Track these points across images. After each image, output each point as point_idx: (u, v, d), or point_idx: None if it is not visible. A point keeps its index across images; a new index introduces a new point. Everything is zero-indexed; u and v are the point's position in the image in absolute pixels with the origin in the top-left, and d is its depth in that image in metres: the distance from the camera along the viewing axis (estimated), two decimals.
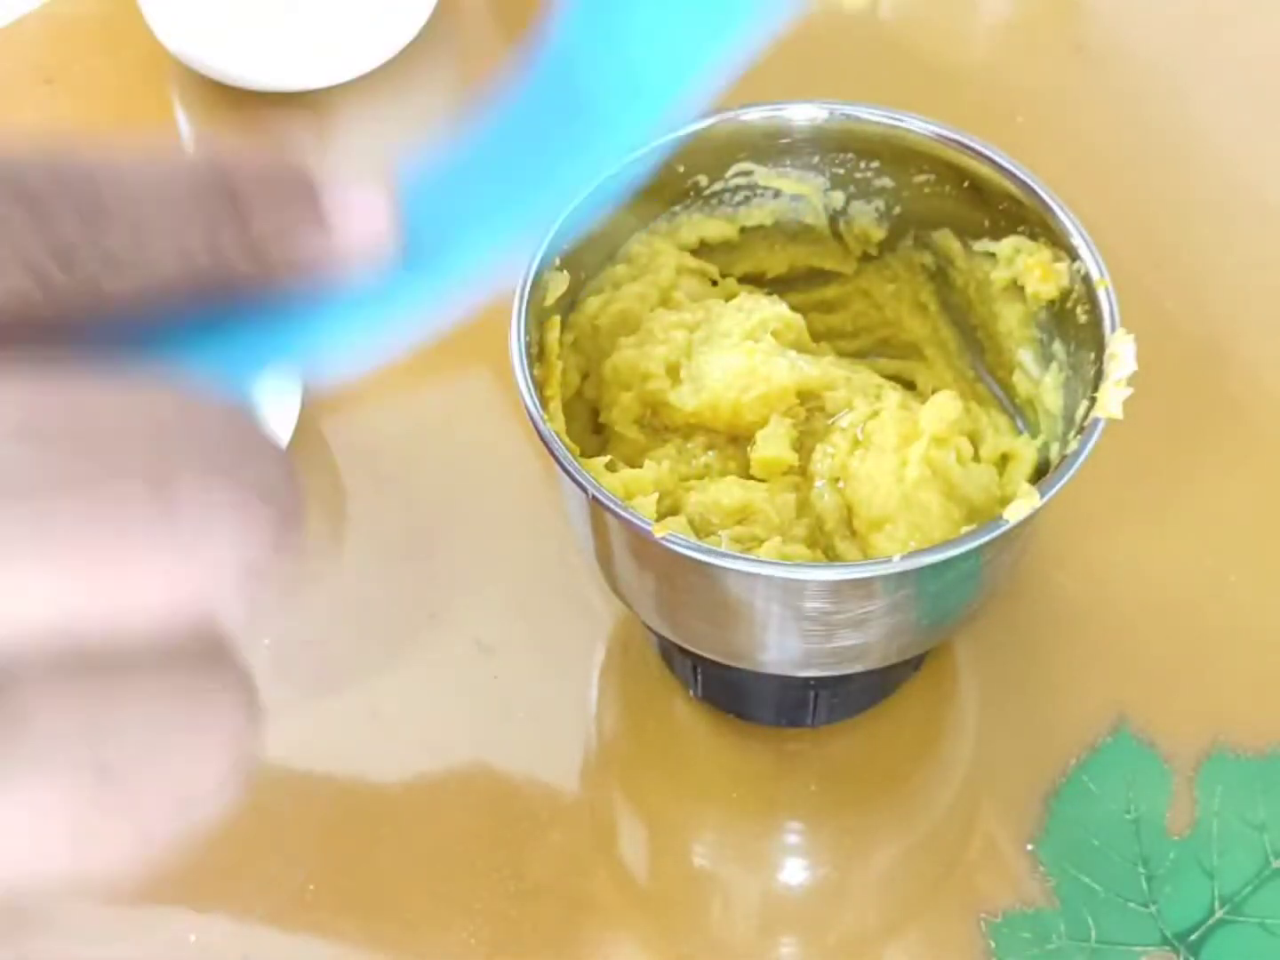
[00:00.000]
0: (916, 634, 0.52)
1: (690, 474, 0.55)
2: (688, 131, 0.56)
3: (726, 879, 0.58)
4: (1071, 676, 0.59)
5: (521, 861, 0.56)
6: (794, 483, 0.55)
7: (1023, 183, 0.54)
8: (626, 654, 0.60)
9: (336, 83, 0.76)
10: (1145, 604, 0.61)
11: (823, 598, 0.49)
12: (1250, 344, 0.68)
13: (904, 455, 0.53)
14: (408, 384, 0.68)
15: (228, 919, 0.55)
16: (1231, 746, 0.57)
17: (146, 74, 0.78)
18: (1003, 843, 0.56)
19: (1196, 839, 0.55)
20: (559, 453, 0.49)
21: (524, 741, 0.59)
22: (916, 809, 0.58)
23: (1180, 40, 0.79)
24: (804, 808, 0.58)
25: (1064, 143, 0.74)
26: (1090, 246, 0.53)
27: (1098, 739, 0.58)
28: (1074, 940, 0.54)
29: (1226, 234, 0.72)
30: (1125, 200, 0.72)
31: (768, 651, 0.52)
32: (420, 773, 0.58)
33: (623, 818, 0.59)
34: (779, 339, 0.57)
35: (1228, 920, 0.54)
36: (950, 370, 0.60)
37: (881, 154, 0.57)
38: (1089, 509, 0.62)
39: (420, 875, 0.56)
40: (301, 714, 0.60)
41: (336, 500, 0.66)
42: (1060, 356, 0.55)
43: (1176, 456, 0.65)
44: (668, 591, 0.52)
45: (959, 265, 0.58)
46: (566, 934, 0.55)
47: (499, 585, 0.62)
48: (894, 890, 0.57)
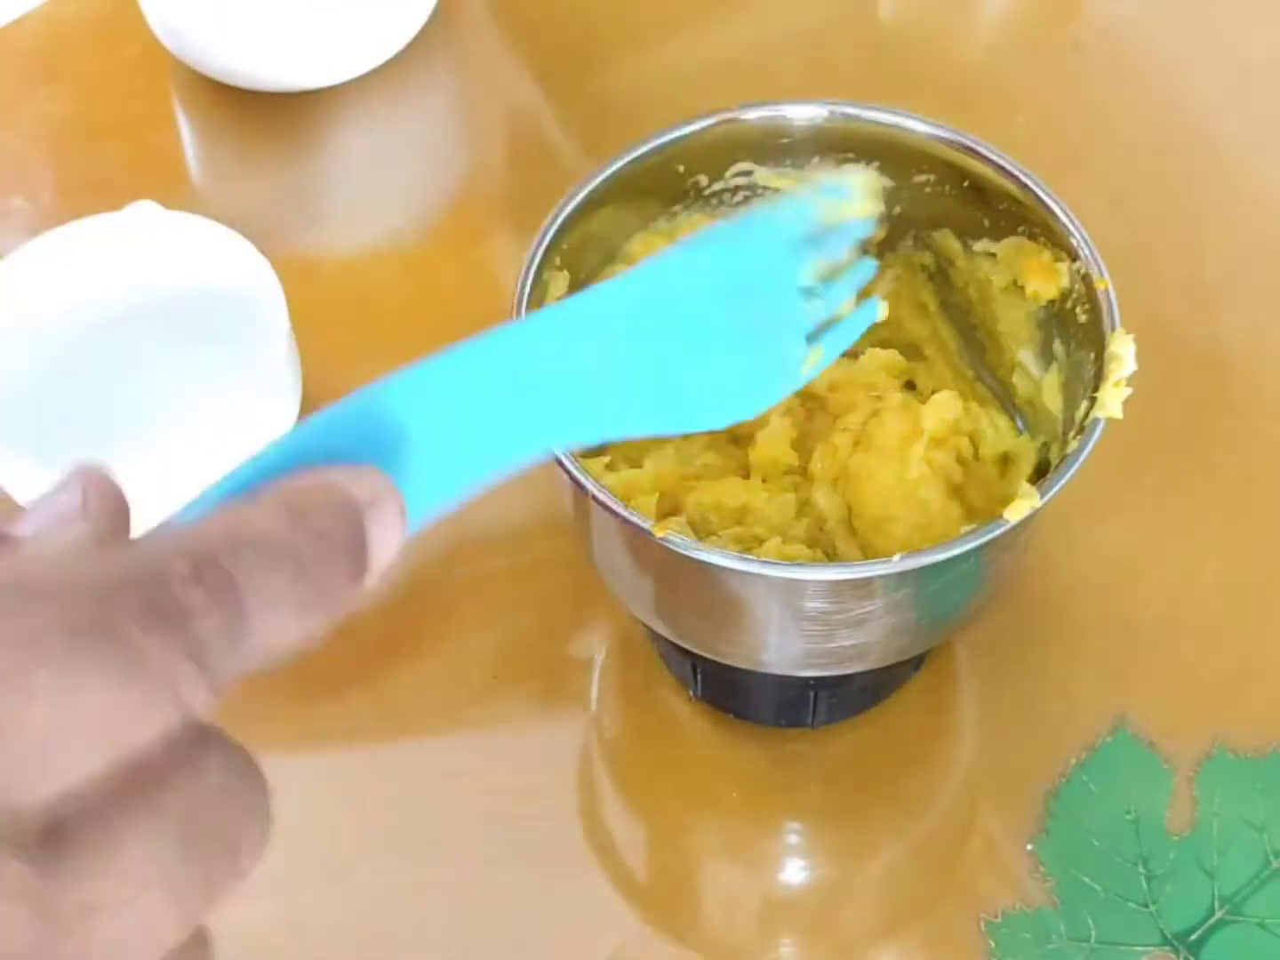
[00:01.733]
0: (916, 634, 0.52)
1: (690, 474, 0.56)
2: (688, 131, 0.56)
3: (726, 879, 0.58)
4: (1071, 676, 0.59)
5: (521, 860, 0.56)
6: (794, 483, 0.55)
7: (1023, 183, 0.54)
8: (626, 654, 0.60)
9: (336, 83, 0.76)
10: (1145, 604, 0.61)
11: (823, 598, 0.49)
12: (1250, 344, 0.68)
13: (904, 455, 0.53)
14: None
15: (228, 917, 0.55)
16: (1231, 746, 0.57)
17: (146, 74, 0.78)
18: (1003, 843, 0.56)
19: (1196, 839, 0.55)
20: (559, 453, 0.49)
21: (524, 741, 0.59)
22: (916, 809, 0.58)
23: (1180, 40, 0.79)
24: (804, 808, 0.58)
25: (1064, 143, 0.74)
26: (1090, 247, 0.53)
27: (1098, 739, 0.58)
28: (1074, 940, 0.54)
29: (1226, 234, 0.72)
30: (1125, 200, 0.72)
31: (767, 651, 0.52)
32: (420, 773, 0.58)
33: (623, 818, 0.59)
34: None
35: (1228, 920, 0.54)
36: (950, 370, 0.59)
37: (881, 154, 0.57)
38: (1089, 509, 0.62)
39: (420, 875, 0.56)
40: (302, 715, 0.60)
41: None
42: (1060, 356, 0.55)
43: (1176, 456, 0.65)
44: (668, 591, 0.52)
45: (959, 265, 0.58)
46: (566, 933, 0.55)
47: (499, 585, 0.62)
48: (894, 890, 0.57)
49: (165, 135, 0.77)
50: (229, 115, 0.76)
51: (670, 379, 0.40)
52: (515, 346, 0.36)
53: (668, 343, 0.40)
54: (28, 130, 0.77)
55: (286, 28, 0.73)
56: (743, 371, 0.43)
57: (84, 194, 0.73)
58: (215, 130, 0.77)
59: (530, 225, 0.53)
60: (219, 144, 0.77)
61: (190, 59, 0.76)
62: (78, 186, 0.75)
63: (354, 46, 0.76)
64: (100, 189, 0.73)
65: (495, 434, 0.35)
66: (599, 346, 0.38)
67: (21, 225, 0.72)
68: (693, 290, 0.41)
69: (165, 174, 0.75)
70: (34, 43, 0.79)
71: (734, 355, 0.43)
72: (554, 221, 0.53)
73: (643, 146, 0.55)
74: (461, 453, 0.34)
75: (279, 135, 0.76)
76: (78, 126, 0.77)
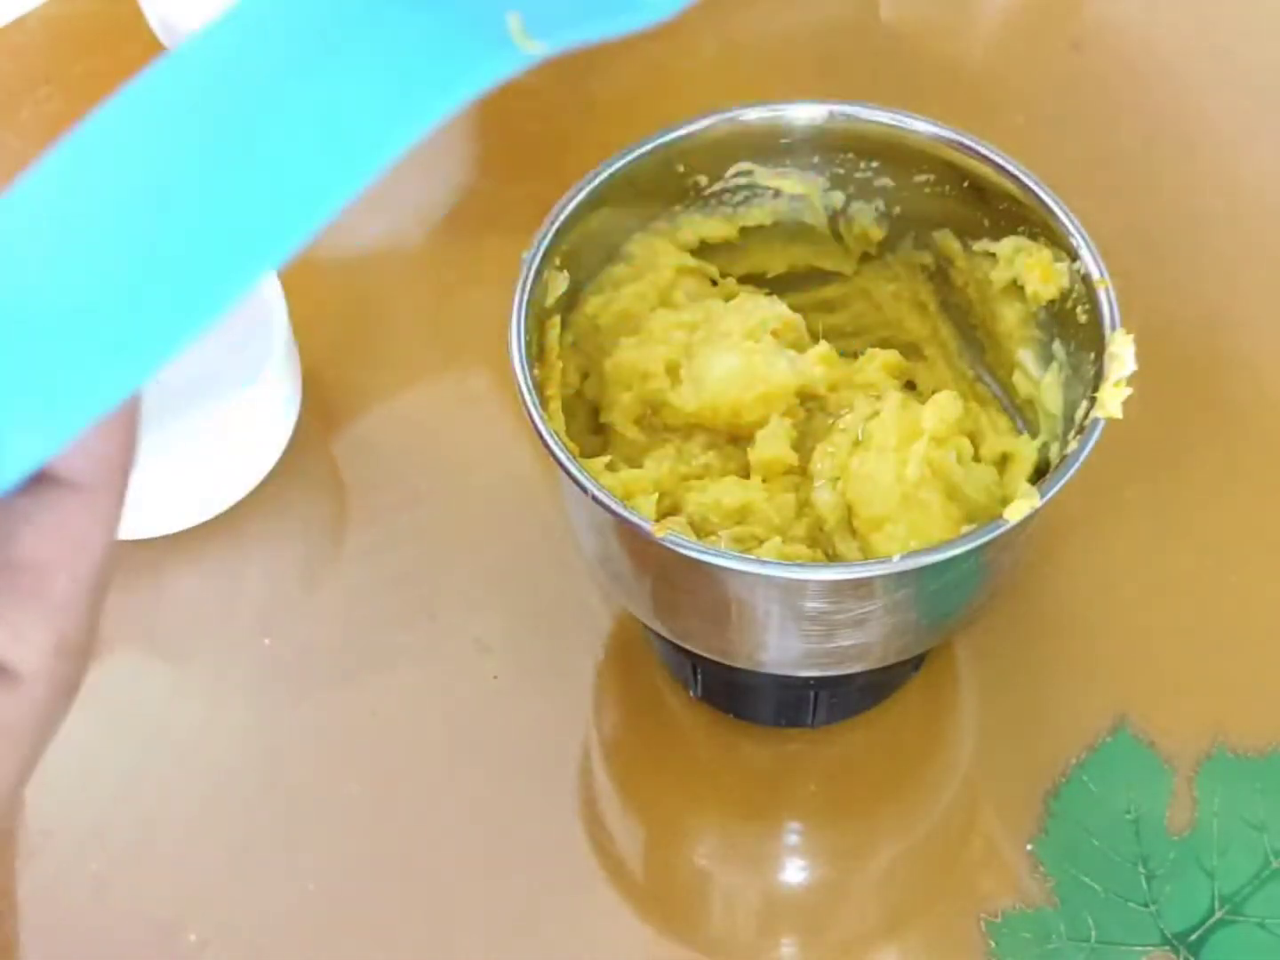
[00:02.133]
0: (916, 634, 0.52)
1: (690, 474, 0.56)
2: (688, 131, 0.56)
3: (726, 879, 0.58)
4: (1071, 676, 0.59)
5: (521, 860, 0.56)
6: (794, 483, 0.55)
7: (1023, 183, 0.54)
8: (626, 654, 0.60)
9: None
10: (1145, 604, 0.61)
11: (823, 598, 0.49)
12: (1250, 344, 0.68)
13: (904, 455, 0.53)
14: (407, 384, 0.68)
15: (228, 918, 0.55)
16: (1231, 746, 0.57)
17: None
18: (1003, 843, 0.56)
19: (1196, 839, 0.55)
20: (559, 453, 0.49)
21: (524, 741, 0.59)
22: (916, 809, 0.58)
23: (1180, 40, 0.79)
24: (804, 808, 0.58)
25: (1064, 143, 0.74)
26: (1090, 246, 0.53)
27: (1098, 739, 0.58)
28: (1074, 940, 0.54)
29: (1226, 233, 0.72)
30: (1125, 200, 0.72)
31: (767, 651, 0.52)
32: (420, 772, 0.58)
33: (622, 818, 0.59)
34: (779, 339, 0.57)
35: (1228, 920, 0.54)
36: (950, 370, 0.59)
37: (881, 154, 0.57)
38: (1089, 509, 0.62)
39: (421, 875, 0.56)
40: (301, 714, 0.60)
41: (336, 501, 0.66)
42: (1060, 356, 0.55)
43: (1176, 456, 0.65)
44: (668, 591, 0.52)
45: (959, 265, 0.58)
46: (566, 933, 0.55)
47: (499, 585, 0.62)
48: (894, 890, 0.57)
49: None
50: None
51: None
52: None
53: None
54: (28, 130, 0.77)
55: None
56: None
57: None
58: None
59: (530, 225, 0.53)
60: None
61: None
62: None
63: None
64: None
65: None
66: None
67: None
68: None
69: None
70: (34, 43, 0.79)
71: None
72: (554, 221, 0.53)
73: (643, 146, 0.55)
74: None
75: None
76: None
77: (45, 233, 0.30)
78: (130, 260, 0.29)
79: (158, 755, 0.59)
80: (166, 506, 0.62)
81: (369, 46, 0.31)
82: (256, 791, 0.58)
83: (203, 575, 0.63)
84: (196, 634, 0.63)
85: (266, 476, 0.64)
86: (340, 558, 0.64)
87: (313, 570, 0.64)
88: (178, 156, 0.30)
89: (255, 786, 0.58)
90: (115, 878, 0.56)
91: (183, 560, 0.63)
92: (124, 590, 0.63)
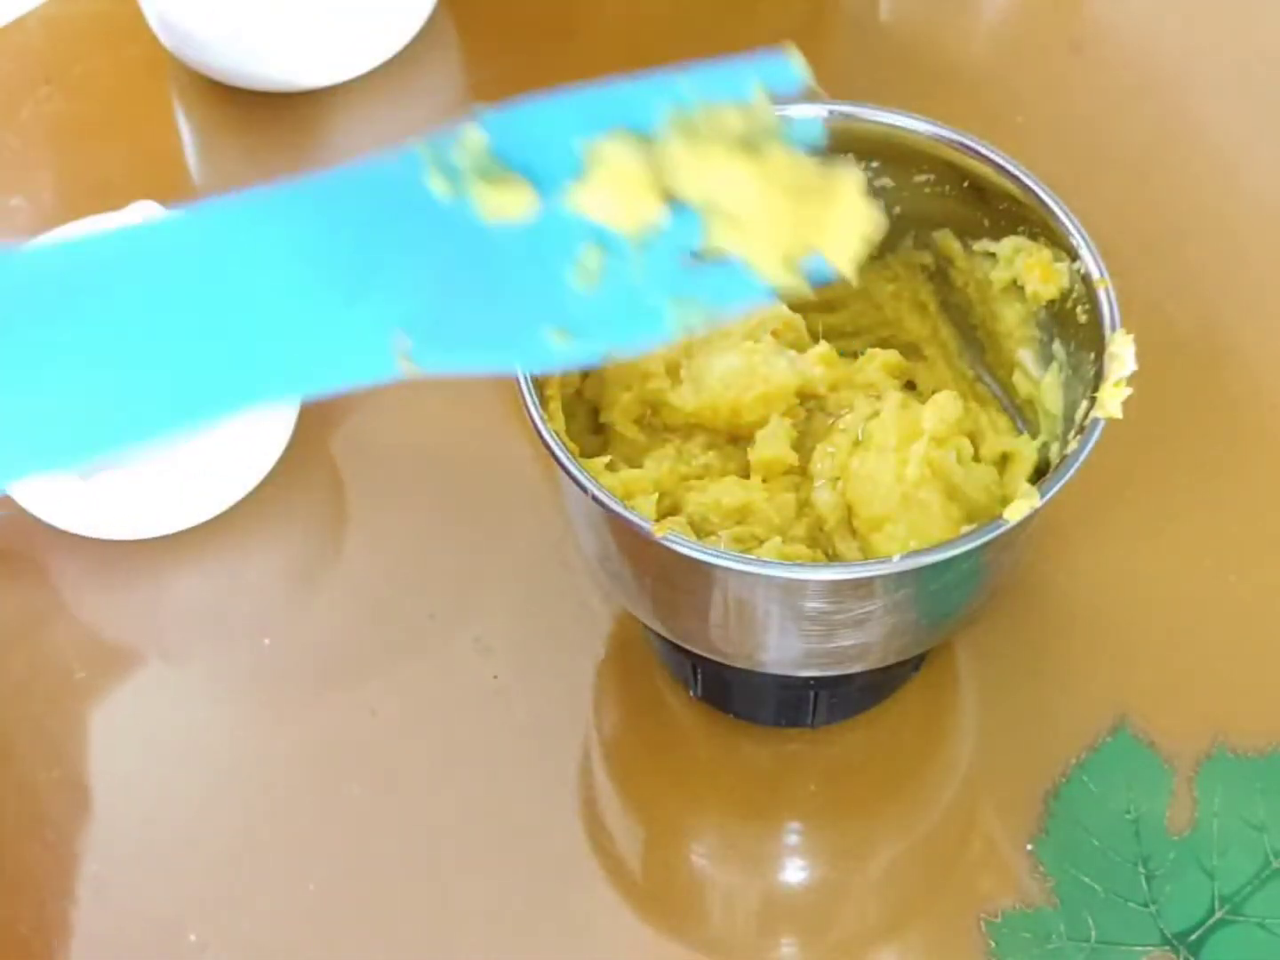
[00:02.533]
0: (916, 634, 0.52)
1: (690, 474, 0.55)
2: None
3: (726, 879, 0.58)
4: (1071, 676, 0.59)
5: (521, 860, 0.56)
6: (794, 483, 0.55)
7: (1023, 183, 0.54)
8: (626, 654, 0.60)
9: (336, 82, 0.76)
10: (1145, 604, 0.61)
11: (823, 598, 0.49)
12: (1250, 344, 0.68)
13: (904, 455, 0.53)
14: (407, 384, 0.68)
15: (228, 918, 0.55)
16: (1231, 746, 0.57)
17: (146, 74, 0.78)
18: (1003, 843, 0.56)
19: (1196, 839, 0.55)
20: (559, 453, 0.49)
21: (524, 741, 0.59)
22: (916, 809, 0.58)
23: (1179, 40, 0.79)
24: (804, 808, 0.58)
25: (1064, 143, 0.74)
26: (1090, 246, 0.53)
27: (1098, 739, 0.58)
28: (1074, 940, 0.54)
29: (1226, 234, 0.72)
30: (1125, 200, 0.72)
31: (767, 651, 0.52)
32: (420, 772, 0.58)
33: (622, 818, 0.59)
34: (779, 339, 0.57)
35: (1228, 920, 0.54)
36: (950, 370, 0.59)
37: (881, 154, 0.57)
38: (1089, 509, 0.62)
39: (420, 875, 0.56)
40: (301, 714, 0.60)
41: (336, 501, 0.66)
42: (1060, 356, 0.55)
43: (1176, 456, 0.65)
44: (667, 591, 0.52)
45: (959, 265, 0.58)
46: (566, 934, 0.55)
47: (499, 585, 0.62)
48: (894, 890, 0.57)
49: (165, 135, 0.77)
50: (229, 115, 0.76)
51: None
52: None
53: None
54: (28, 130, 0.77)
55: (286, 28, 0.73)
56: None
57: (84, 194, 0.73)
58: (215, 130, 0.77)
59: None
60: (219, 144, 0.77)
61: (190, 59, 0.76)
62: (78, 186, 0.75)
63: (354, 46, 0.76)
64: (100, 189, 0.73)
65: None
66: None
67: (21, 225, 0.72)
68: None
69: (165, 174, 0.75)
70: (34, 43, 0.79)
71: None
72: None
73: None
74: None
75: (279, 135, 0.76)
76: (78, 126, 0.77)
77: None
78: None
79: (158, 755, 0.59)
80: (166, 506, 0.62)
81: (274, 299, 0.36)
82: (256, 791, 0.58)
83: (203, 575, 0.63)
84: (196, 634, 0.63)
85: (266, 477, 0.64)
86: (340, 558, 0.64)
87: (313, 570, 0.64)
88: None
89: (255, 786, 0.58)
90: (115, 878, 0.56)
91: (183, 560, 0.63)
92: (124, 590, 0.63)
